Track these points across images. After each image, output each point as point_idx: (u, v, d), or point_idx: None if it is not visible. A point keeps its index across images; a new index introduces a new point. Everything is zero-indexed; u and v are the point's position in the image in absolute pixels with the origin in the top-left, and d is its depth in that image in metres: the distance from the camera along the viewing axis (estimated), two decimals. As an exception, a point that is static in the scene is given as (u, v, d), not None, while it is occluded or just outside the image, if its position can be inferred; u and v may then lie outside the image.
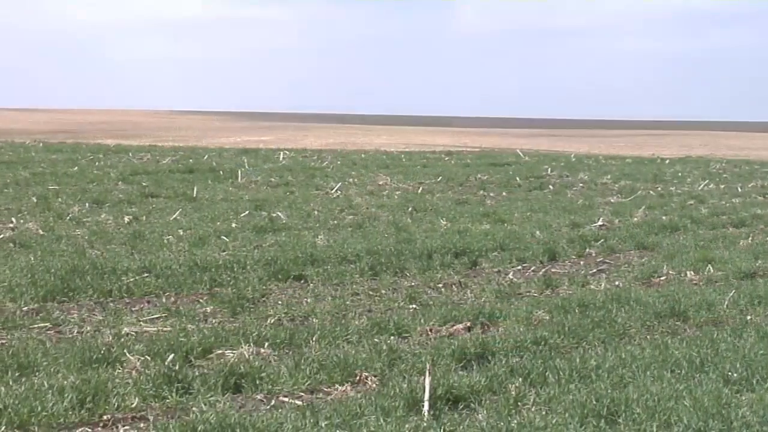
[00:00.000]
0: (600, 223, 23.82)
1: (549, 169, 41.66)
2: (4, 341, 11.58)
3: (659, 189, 35.16)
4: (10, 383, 9.66)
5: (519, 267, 17.81)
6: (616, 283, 16.42)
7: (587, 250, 19.77)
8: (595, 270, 17.77)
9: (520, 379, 10.20)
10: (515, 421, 8.95)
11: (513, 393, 9.72)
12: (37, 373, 10.06)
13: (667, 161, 52.74)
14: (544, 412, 9.23)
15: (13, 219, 21.83)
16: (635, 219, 25.21)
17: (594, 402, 9.37)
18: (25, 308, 13.15)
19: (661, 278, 16.94)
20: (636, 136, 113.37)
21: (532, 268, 17.70)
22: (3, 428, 8.55)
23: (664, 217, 25.61)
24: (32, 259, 16.36)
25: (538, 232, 21.58)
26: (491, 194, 31.62)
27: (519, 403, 9.51)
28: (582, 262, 18.63)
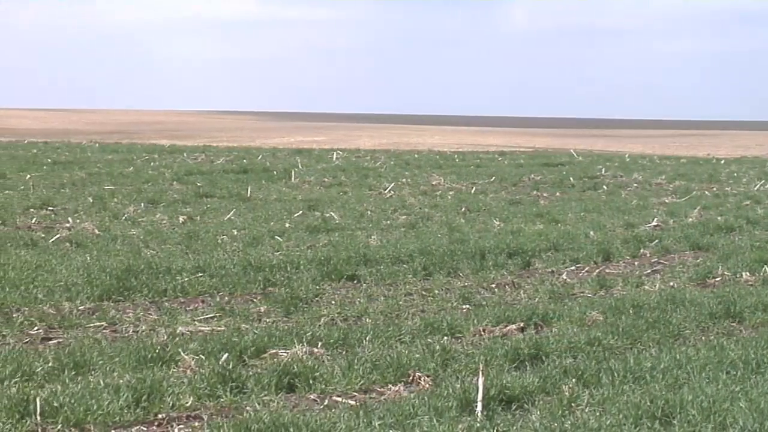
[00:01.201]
0: (654, 223, 23.69)
1: (603, 169, 41.46)
2: (61, 340, 11.70)
3: (714, 189, 34.88)
4: (67, 382, 9.74)
5: (573, 267, 17.74)
6: (671, 283, 16.32)
7: (641, 250, 19.65)
8: (649, 270, 17.67)
9: (574, 380, 10.16)
10: (569, 422, 8.92)
11: (566, 394, 9.69)
12: (93, 372, 10.14)
13: (723, 161, 52.33)
14: (597, 413, 9.19)
15: (70, 219, 22.02)
16: (690, 219, 25.03)
17: (648, 403, 9.32)
18: (82, 307, 13.26)
19: (716, 279, 16.81)
20: (689, 136, 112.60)
21: (586, 269, 17.63)
22: (60, 426, 8.64)
23: (719, 218, 25.40)
24: (88, 258, 16.50)
25: (592, 233, 21.48)
26: (545, 194, 31.51)
27: (572, 404, 9.48)
28: (636, 263, 18.53)
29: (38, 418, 8.69)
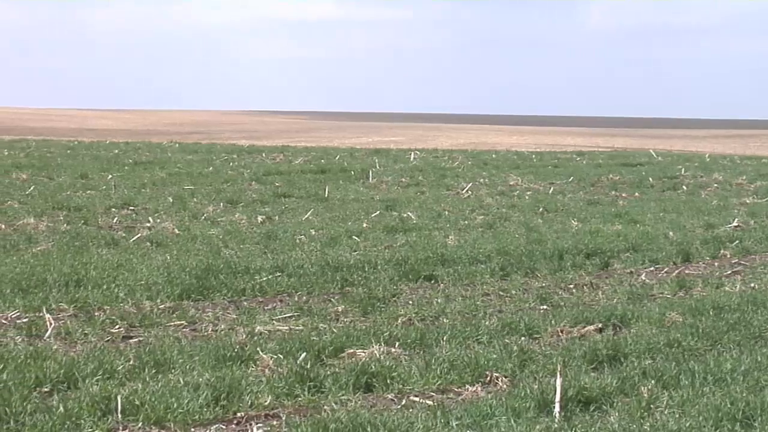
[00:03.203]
0: (735, 224, 23.43)
1: (683, 170, 41.08)
2: (141, 338, 11.83)
3: (797, 189, 34.40)
4: (147, 380, 9.85)
5: (651, 268, 17.62)
6: (752, 285, 16.14)
7: (722, 251, 19.45)
8: (729, 271, 17.48)
9: (653, 382, 10.09)
10: (647, 424, 8.87)
11: (645, 395, 9.63)
12: (173, 370, 10.24)
13: (805, 161, 51.59)
14: (677, 415, 9.12)
15: (151, 219, 22.26)
16: (772, 220, 24.72)
17: (729, 405, 9.24)
18: (162, 306, 13.40)
19: (799, 280, 16.59)
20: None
21: (665, 270, 17.49)
22: (140, 424, 8.74)
23: (801, 218, 25.06)
24: (168, 258, 16.66)
25: (671, 233, 21.31)
26: (623, 195, 31.29)
27: (651, 406, 9.42)
28: (716, 264, 18.35)
29: (119, 416, 8.80)
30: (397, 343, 11.47)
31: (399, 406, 9.50)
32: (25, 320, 12.38)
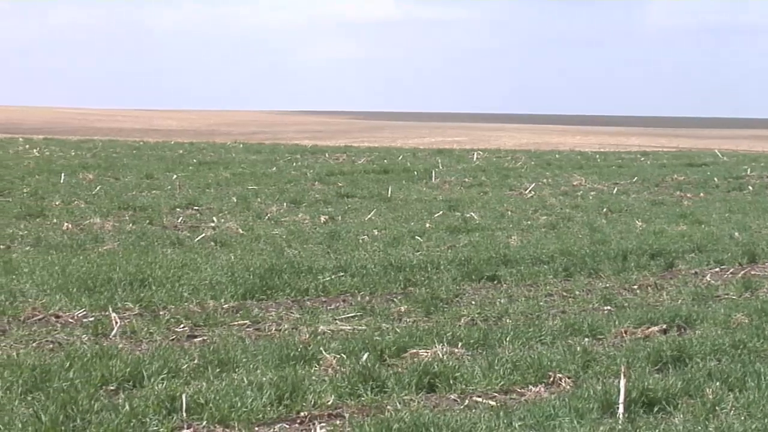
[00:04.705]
0: (802, 224, 23.16)
1: (748, 170, 40.67)
2: (205, 338, 11.91)
3: None
4: (211, 379, 9.93)
5: (717, 269, 17.47)
6: (819, 286, 15.95)
7: (788, 252, 19.24)
8: (796, 273, 17.29)
9: (718, 383, 10.02)
10: (712, 426, 8.81)
11: (710, 397, 9.57)
12: (236, 370, 10.30)
13: None
14: (742, 417, 9.05)
15: (215, 218, 22.41)
16: (839, 220, 24.43)
17: (795, 408, 9.15)
18: (226, 306, 13.48)
19: None
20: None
21: (731, 270, 17.34)
22: (205, 423, 8.80)
23: None
24: (232, 257, 16.76)
25: (736, 234, 21.12)
26: (688, 195, 31.06)
27: (716, 408, 9.35)
28: (783, 265, 18.15)
29: (184, 414, 8.87)
30: (460, 344, 11.47)
31: (462, 407, 9.50)
32: (91, 319, 12.51)
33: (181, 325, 12.40)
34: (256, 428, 8.85)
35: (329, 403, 9.37)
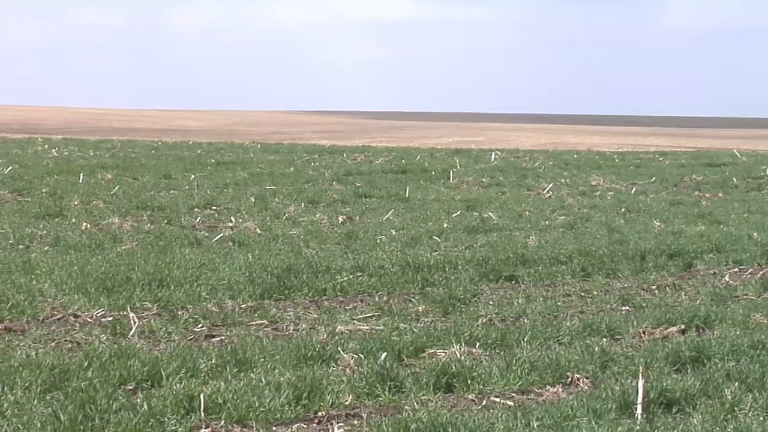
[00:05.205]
0: (821, 224, 23.08)
1: (767, 170, 40.56)
2: (223, 337, 11.93)
3: None
4: (229, 379, 9.94)
5: (735, 269, 17.43)
6: (838, 286, 15.89)
7: (807, 252, 19.17)
8: (815, 273, 17.23)
9: (737, 384, 10.00)
10: (731, 427, 8.80)
11: (729, 398, 9.55)
12: (254, 369, 10.32)
13: None
14: (761, 418, 9.04)
15: (233, 218, 22.44)
16: None
17: (814, 409, 9.12)
18: (244, 305, 13.51)
19: None
20: None
21: (750, 271, 17.30)
22: (223, 422, 8.82)
23: None
24: (250, 257, 16.78)
25: (755, 234, 21.05)
26: (707, 195, 30.98)
27: (735, 408, 9.33)
28: (802, 265, 18.09)
29: (202, 413, 8.90)
30: (478, 344, 11.46)
31: (479, 407, 9.50)
32: (109, 319, 12.55)
33: (199, 325, 12.43)
34: (274, 428, 8.86)
35: (347, 403, 9.38)
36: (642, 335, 12.27)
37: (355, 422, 8.99)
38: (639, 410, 9.17)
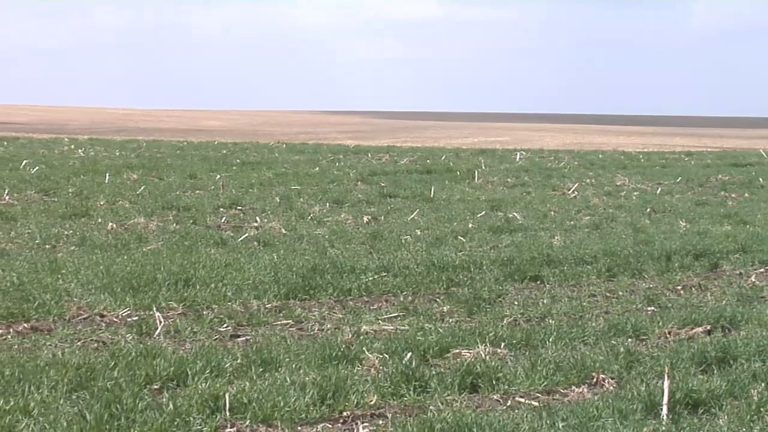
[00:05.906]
0: None
1: (794, 169, 40.38)
2: (249, 337, 11.96)
3: None
4: (255, 378, 9.97)
5: (762, 270, 17.36)
6: None
7: (834, 252, 19.08)
8: (842, 274, 17.15)
9: (763, 385, 9.96)
10: (757, 428, 8.77)
11: (755, 398, 9.51)
12: (279, 369, 10.33)
13: None
14: (787, 419, 8.99)
15: (258, 218, 22.48)
16: None
17: (841, 410, 9.08)
18: (269, 305, 13.53)
19: None
20: None
21: (776, 271, 17.22)
22: (248, 422, 8.84)
23: None
24: (275, 257, 16.81)
25: (782, 234, 20.96)
26: (733, 195, 30.88)
27: (761, 409, 9.30)
28: (829, 266, 18.01)
29: (227, 413, 8.92)
30: (503, 344, 11.46)
31: (504, 407, 9.49)
32: (135, 318, 12.59)
33: (225, 325, 12.46)
34: (299, 428, 8.88)
35: (372, 403, 9.38)
36: (667, 336, 12.24)
37: (380, 422, 9.00)
38: (664, 411, 9.15)
